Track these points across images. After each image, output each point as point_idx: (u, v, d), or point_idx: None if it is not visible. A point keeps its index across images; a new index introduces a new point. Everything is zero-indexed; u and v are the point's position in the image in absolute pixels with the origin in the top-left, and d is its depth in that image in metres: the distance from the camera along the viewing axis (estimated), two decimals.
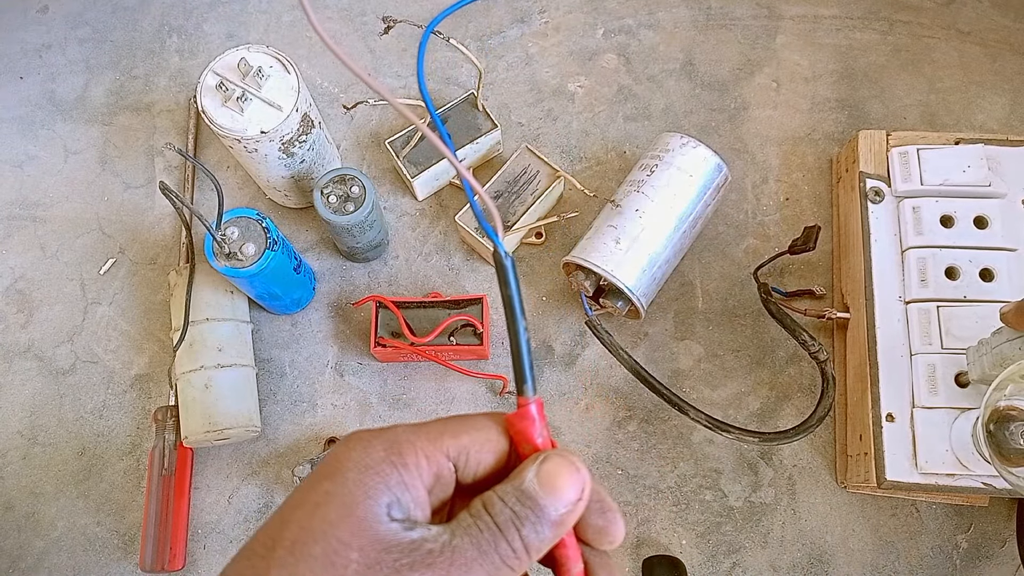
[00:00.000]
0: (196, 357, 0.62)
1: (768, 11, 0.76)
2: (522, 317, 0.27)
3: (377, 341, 0.62)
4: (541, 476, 0.25)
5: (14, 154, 0.76)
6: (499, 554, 0.24)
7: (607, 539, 0.27)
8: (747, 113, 0.73)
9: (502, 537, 0.24)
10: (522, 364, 0.27)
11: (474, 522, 0.24)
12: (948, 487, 0.55)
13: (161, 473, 0.62)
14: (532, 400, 0.26)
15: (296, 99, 0.58)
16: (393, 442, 0.25)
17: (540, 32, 0.77)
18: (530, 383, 0.27)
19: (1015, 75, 0.72)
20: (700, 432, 0.64)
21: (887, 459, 0.55)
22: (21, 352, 0.69)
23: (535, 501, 0.25)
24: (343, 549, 0.23)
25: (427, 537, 0.24)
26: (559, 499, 0.25)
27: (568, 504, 0.25)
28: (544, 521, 0.24)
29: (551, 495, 0.25)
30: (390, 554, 0.23)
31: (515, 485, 0.25)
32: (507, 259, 0.27)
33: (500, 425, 0.27)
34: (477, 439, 0.26)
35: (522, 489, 0.25)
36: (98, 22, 0.80)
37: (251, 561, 0.23)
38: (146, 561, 0.60)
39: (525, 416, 0.26)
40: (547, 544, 0.25)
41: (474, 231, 0.65)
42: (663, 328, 0.67)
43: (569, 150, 0.72)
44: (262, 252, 0.57)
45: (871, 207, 0.62)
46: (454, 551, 0.23)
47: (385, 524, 0.23)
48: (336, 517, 0.23)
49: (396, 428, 0.26)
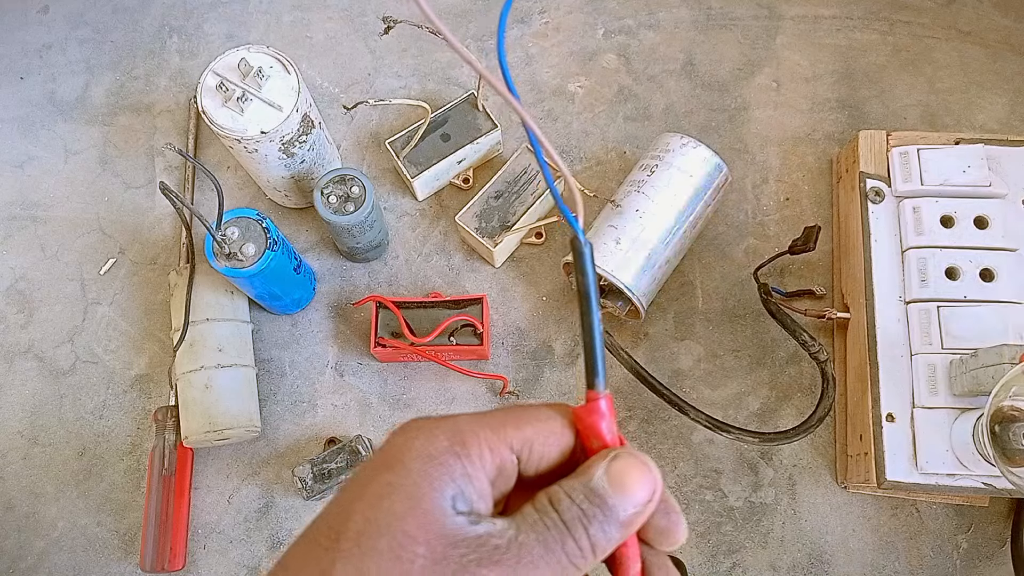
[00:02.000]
0: (196, 357, 0.62)
1: (768, 11, 0.76)
2: (597, 308, 0.26)
3: (377, 341, 0.62)
4: (611, 474, 0.24)
5: (14, 154, 0.76)
6: (566, 552, 0.23)
7: (669, 540, 0.26)
8: (747, 113, 0.73)
9: (569, 535, 0.23)
10: (594, 357, 0.26)
11: (540, 518, 0.23)
12: (948, 487, 0.55)
13: (161, 473, 0.62)
14: (603, 395, 0.25)
15: (296, 99, 0.58)
16: (456, 432, 0.24)
17: (540, 32, 0.77)
18: (601, 377, 0.25)
19: (1015, 75, 0.72)
20: (700, 432, 0.64)
21: (887, 459, 0.55)
22: (21, 352, 0.69)
23: (604, 500, 0.24)
24: (409, 543, 0.22)
25: (493, 532, 0.23)
26: (629, 499, 0.24)
27: (638, 505, 0.24)
28: (612, 521, 0.24)
29: (621, 494, 0.24)
30: (456, 549, 0.22)
31: (583, 482, 0.24)
32: (586, 246, 0.26)
33: (566, 417, 0.26)
34: (541, 431, 0.25)
35: (591, 487, 0.24)
36: (98, 22, 0.80)
37: (314, 553, 0.23)
38: (146, 561, 0.60)
39: (595, 411, 0.25)
40: (613, 544, 0.24)
41: (474, 231, 0.65)
42: (663, 328, 0.67)
43: (569, 150, 0.72)
44: (262, 252, 0.57)
45: (871, 207, 0.62)
46: (520, 547, 0.23)
47: (451, 518, 0.23)
48: (402, 509, 0.22)
49: (458, 417, 0.25)
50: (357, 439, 0.61)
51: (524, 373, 0.66)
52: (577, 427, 0.26)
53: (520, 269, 0.69)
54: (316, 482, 0.60)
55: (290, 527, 0.63)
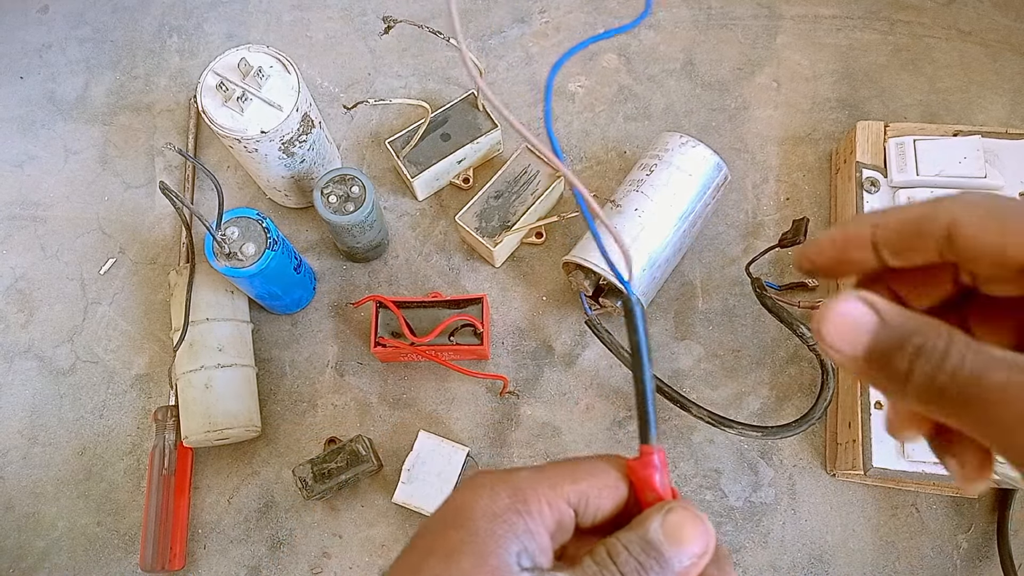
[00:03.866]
0: (196, 357, 0.62)
1: (768, 11, 0.76)
2: (649, 365, 0.26)
3: (377, 341, 0.62)
4: (667, 527, 0.25)
5: (14, 154, 0.76)
6: None
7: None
8: (747, 113, 0.73)
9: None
10: (647, 412, 0.26)
11: (599, 570, 0.24)
12: (935, 475, 0.55)
13: (161, 473, 0.62)
14: (656, 448, 0.26)
15: (296, 99, 0.58)
16: (517, 488, 0.25)
17: (540, 32, 0.77)
18: (654, 432, 0.26)
19: (1015, 75, 0.72)
20: (700, 432, 0.64)
21: (874, 446, 0.56)
22: (21, 352, 0.69)
23: (660, 552, 0.25)
24: None
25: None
26: (684, 551, 0.25)
27: (692, 557, 0.25)
28: (668, 572, 0.24)
29: (676, 547, 0.25)
30: None
31: (639, 534, 0.25)
32: (636, 306, 0.26)
33: (620, 470, 0.27)
34: (596, 485, 0.26)
35: (647, 539, 0.25)
36: (98, 22, 0.80)
37: None
38: (146, 561, 0.60)
39: (648, 464, 0.26)
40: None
41: (474, 231, 0.65)
42: (663, 328, 0.67)
43: (569, 150, 0.72)
44: (262, 252, 0.57)
45: (866, 197, 0.62)
46: None
47: (516, 574, 0.24)
48: (470, 567, 0.23)
49: (519, 473, 0.26)
50: (357, 439, 0.61)
51: (524, 373, 0.66)
52: (631, 478, 0.27)
53: (520, 269, 0.69)
54: (316, 482, 0.60)
55: (290, 527, 0.63)
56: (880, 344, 0.22)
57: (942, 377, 0.21)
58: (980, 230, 0.22)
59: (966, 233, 0.22)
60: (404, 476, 0.60)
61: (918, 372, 0.21)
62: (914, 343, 0.21)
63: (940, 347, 0.21)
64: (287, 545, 0.63)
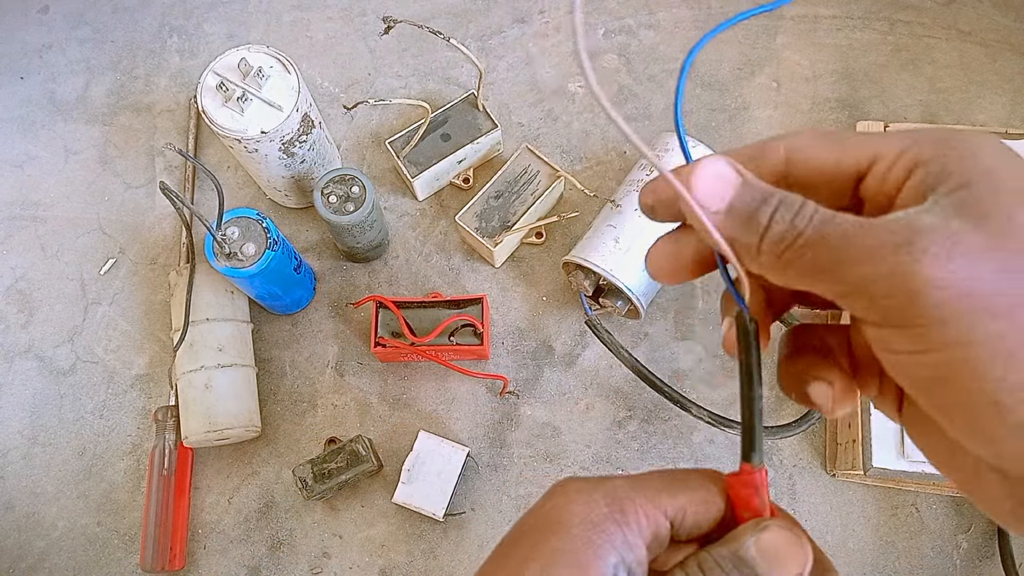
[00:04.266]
0: (196, 357, 0.62)
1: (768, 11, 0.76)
2: (759, 386, 0.26)
3: (377, 341, 0.62)
4: (761, 545, 0.24)
5: (14, 154, 0.76)
6: None
7: None
8: (747, 113, 0.73)
9: None
10: (753, 433, 0.26)
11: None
12: (936, 475, 0.55)
13: (161, 473, 0.62)
14: (758, 468, 0.26)
15: (296, 99, 0.58)
16: (615, 497, 0.25)
17: (540, 32, 0.77)
18: (759, 452, 0.26)
19: (1015, 75, 0.72)
20: (700, 432, 0.64)
21: (874, 446, 0.56)
22: (21, 352, 0.69)
23: (752, 570, 0.24)
24: None
25: None
26: (778, 572, 0.24)
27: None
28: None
29: (771, 566, 0.24)
30: None
31: (732, 550, 0.24)
32: (752, 323, 0.26)
33: (718, 484, 0.26)
34: (694, 499, 0.26)
35: (740, 555, 0.24)
36: (98, 22, 0.80)
37: None
38: (146, 561, 0.60)
39: (749, 484, 0.26)
40: None
41: (474, 231, 0.65)
42: (663, 328, 0.67)
43: (569, 150, 0.72)
44: (262, 252, 0.57)
45: None
46: None
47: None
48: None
49: (614, 481, 0.25)
50: (357, 439, 0.61)
51: (524, 373, 0.66)
52: (730, 494, 0.26)
53: (520, 269, 0.69)
54: (316, 482, 0.60)
55: (290, 527, 0.63)
56: (743, 199, 0.23)
57: (800, 223, 0.22)
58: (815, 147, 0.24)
59: (802, 148, 0.24)
60: (404, 476, 0.60)
61: (777, 221, 0.22)
62: (776, 198, 0.22)
63: (797, 201, 0.22)
64: (287, 545, 0.63)
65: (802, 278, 0.22)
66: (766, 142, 0.25)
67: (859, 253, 0.20)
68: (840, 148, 0.23)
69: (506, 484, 0.63)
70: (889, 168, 0.22)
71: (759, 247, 0.22)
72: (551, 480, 0.63)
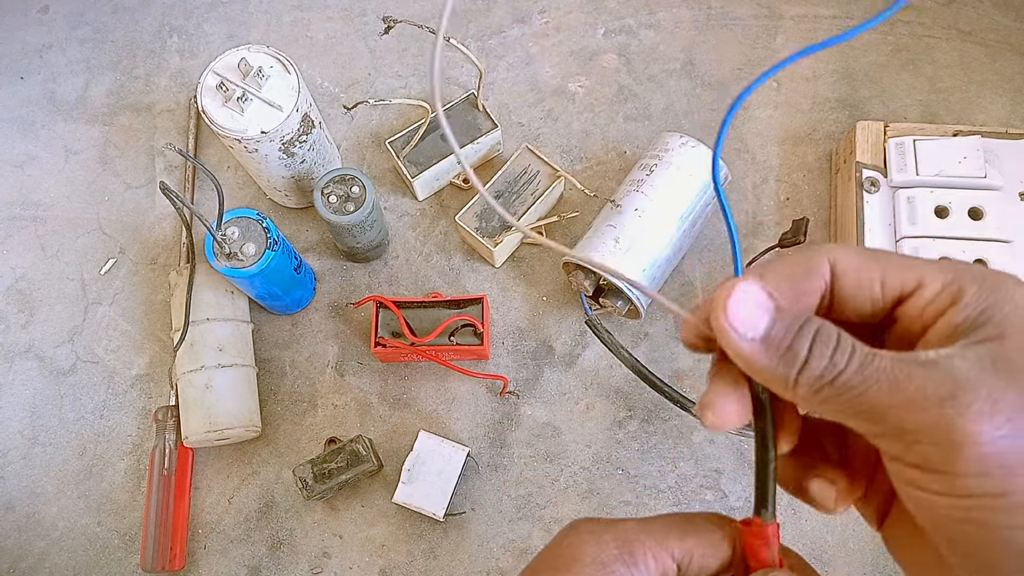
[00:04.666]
0: (196, 357, 0.62)
1: (768, 11, 0.76)
2: (773, 448, 0.26)
3: (377, 341, 0.62)
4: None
5: (14, 154, 0.76)
6: None
7: None
8: (747, 113, 0.73)
9: None
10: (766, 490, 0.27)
11: None
12: None
13: (162, 473, 0.62)
14: (770, 523, 0.27)
15: (296, 99, 0.58)
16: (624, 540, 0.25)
17: (540, 32, 0.77)
18: (771, 508, 0.27)
19: (1016, 75, 0.72)
20: (701, 432, 0.64)
21: None
22: (22, 352, 0.69)
23: None
24: None
25: None
26: None
27: None
28: None
29: None
30: None
31: None
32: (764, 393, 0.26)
33: (724, 530, 0.27)
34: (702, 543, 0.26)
35: None
36: (98, 22, 0.80)
37: None
38: (147, 561, 0.60)
39: (760, 536, 0.26)
40: None
41: (474, 231, 0.65)
42: (663, 328, 0.67)
43: (569, 150, 0.72)
44: (262, 252, 0.57)
45: (866, 197, 0.62)
46: None
47: None
48: None
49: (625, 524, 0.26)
50: (357, 439, 0.61)
51: (524, 373, 0.66)
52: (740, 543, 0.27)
53: (520, 269, 0.69)
54: (316, 482, 0.60)
55: (290, 527, 0.63)
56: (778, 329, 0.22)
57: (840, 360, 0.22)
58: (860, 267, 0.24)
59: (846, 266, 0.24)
60: (404, 476, 0.60)
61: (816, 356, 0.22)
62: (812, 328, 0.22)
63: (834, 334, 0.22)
64: (287, 545, 0.63)
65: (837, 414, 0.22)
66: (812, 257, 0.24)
67: (902, 401, 0.21)
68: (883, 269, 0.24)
69: (506, 484, 0.63)
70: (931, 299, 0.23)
71: (796, 380, 0.22)
72: (551, 480, 0.63)
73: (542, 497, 0.63)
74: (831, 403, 0.22)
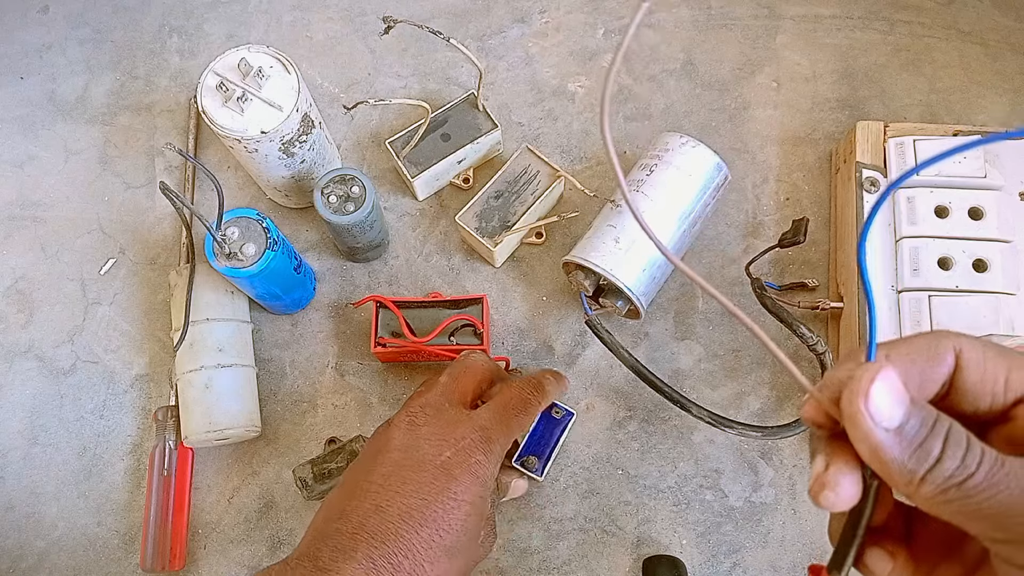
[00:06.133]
0: (196, 357, 0.62)
1: (768, 11, 0.76)
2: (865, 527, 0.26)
3: (377, 341, 0.62)
4: None
5: (14, 154, 0.76)
6: None
7: None
8: (747, 113, 0.73)
9: None
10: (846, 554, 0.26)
11: None
12: None
13: (161, 473, 0.62)
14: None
15: (296, 99, 0.58)
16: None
17: (540, 32, 0.77)
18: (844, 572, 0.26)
19: (1016, 75, 0.72)
20: (701, 432, 0.64)
21: None
22: (21, 352, 0.69)
23: None
24: None
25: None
26: None
27: None
28: None
29: None
30: None
31: None
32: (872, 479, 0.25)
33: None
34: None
35: None
36: (98, 22, 0.80)
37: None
38: (147, 561, 0.60)
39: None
40: None
41: (474, 231, 0.65)
42: (663, 328, 0.67)
43: (569, 150, 0.72)
44: (262, 252, 0.57)
45: (866, 197, 0.62)
46: None
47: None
48: None
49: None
50: (357, 439, 0.61)
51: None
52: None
53: (520, 269, 0.69)
54: (316, 482, 0.60)
55: (290, 527, 0.63)
56: (913, 422, 0.22)
57: (971, 463, 0.21)
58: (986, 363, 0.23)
59: (971, 358, 0.23)
60: None
61: (949, 456, 0.21)
62: (944, 427, 0.22)
63: (964, 436, 0.22)
64: (287, 545, 0.63)
65: (956, 516, 0.22)
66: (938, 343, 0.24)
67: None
68: (1010, 367, 0.23)
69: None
70: None
71: (924, 477, 0.22)
72: (551, 480, 0.63)
73: (542, 497, 0.63)
74: (955, 505, 0.21)
